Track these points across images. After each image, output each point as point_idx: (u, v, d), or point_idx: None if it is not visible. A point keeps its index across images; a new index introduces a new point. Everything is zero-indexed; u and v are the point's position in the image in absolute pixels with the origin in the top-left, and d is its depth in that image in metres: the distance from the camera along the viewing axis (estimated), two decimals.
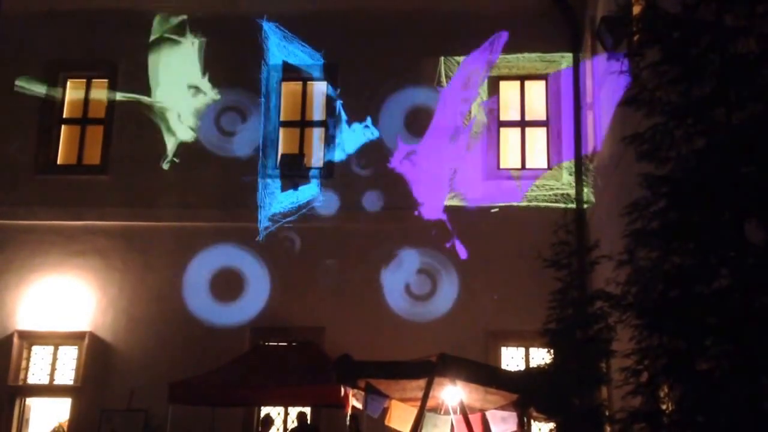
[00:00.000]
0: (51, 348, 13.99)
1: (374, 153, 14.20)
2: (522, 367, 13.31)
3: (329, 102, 14.62)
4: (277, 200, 14.12)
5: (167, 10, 14.93)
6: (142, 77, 14.75)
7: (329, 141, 14.42)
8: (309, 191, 14.08)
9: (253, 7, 14.76)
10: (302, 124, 14.84)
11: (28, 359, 13.95)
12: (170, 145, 14.45)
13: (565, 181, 13.87)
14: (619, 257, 5.24)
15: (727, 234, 4.53)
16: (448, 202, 13.94)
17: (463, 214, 13.82)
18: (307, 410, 12.98)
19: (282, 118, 14.83)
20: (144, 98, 14.65)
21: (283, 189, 14.13)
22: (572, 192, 13.65)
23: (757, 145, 4.43)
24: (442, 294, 13.55)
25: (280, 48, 14.68)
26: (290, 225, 13.95)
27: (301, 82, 14.94)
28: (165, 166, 14.24)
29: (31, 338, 13.97)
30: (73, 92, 15.15)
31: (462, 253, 13.66)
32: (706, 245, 4.59)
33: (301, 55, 14.66)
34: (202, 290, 13.74)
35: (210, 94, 14.58)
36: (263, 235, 13.90)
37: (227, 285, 13.75)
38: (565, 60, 14.19)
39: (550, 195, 13.79)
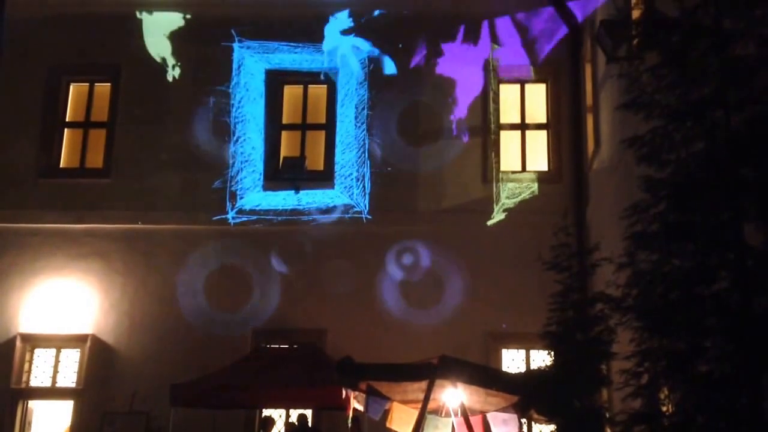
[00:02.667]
0: (53, 351, 14.00)
1: (375, 155, 14.23)
2: (523, 369, 13.33)
3: (330, 105, 14.68)
4: (278, 203, 14.15)
5: (168, 14, 14.98)
6: (144, 80, 14.81)
7: (330, 144, 14.49)
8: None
9: (254, 10, 14.82)
10: (303, 127, 14.88)
11: (30, 362, 13.95)
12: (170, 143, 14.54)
13: (565, 183, 13.89)
14: (620, 260, 5.26)
15: (727, 236, 4.55)
16: (448, 204, 13.97)
17: (464, 216, 13.85)
18: (308, 413, 13.00)
19: (284, 122, 14.86)
20: (145, 101, 14.72)
21: (281, 191, 14.19)
22: (572, 194, 13.66)
23: (755, 147, 4.46)
24: (443, 296, 13.57)
25: (281, 51, 14.71)
26: (292, 228, 14.00)
27: (302, 86, 14.98)
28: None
29: (33, 341, 13.98)
30: (75, 96, 15.19)
31: (462, 255, 13.67)
32: (705, 247, 4.61)
33: (302, 58, 14.70)
34: (204, 293, 13.75)
35: (210, 97, 14.61)
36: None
37: (229, 288, 13.77)
38: (565, 63, 14.21)
39: (550, 197, 13.79)
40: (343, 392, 10.68)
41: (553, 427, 8.93)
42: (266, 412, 13.19)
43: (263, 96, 14.71)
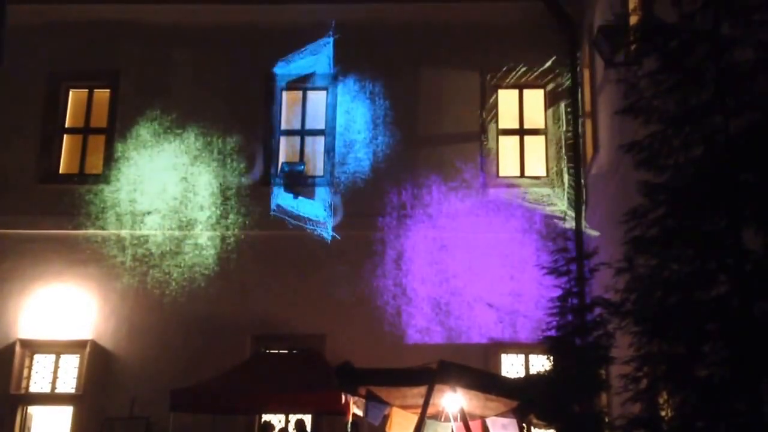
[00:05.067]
0: (53, 356, 13.99)
1: (374, 161, 14.26)
2: (522, 374, 13.34)
3: (329, 111, 14.71)
4: (278, 208, 14.17)
5: (168, 20, 15.01)
6: (144, 86, 14.84)
7: (329, 150, 14.51)
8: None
9: (253, 17, 14.86)
10: (302, 132, 14.90)
11: (30, 368, 13.94)
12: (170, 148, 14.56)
13: (563, 188, 13.92)
14: (618, 264, 5.26)
15: (726, 241, 4.56)
16: (448, 209, 13.98)
17: (462, 221, 13.87)
18: (308, 418, 13.00)
19: (282, 127, 14.89)
20: (144, 107, 14.76)
21: (281, 196, 14.21)
22: (571, 199, 13.69)
23: (754, 152, 4.47)
24: (442, 301, 13.59)
25: (280, 57, 14.74)
26: (292, 233, 14.01)
27: (301, 92, 15.01)
28: None
29: (33, 347, 13.97)
30: (75, 102, 15.21)
31: (460, 260, 13.70)
32: (704, 252, 4.62)
33: (301, 65, 14.73)
34: (204, 298, 13.76)
35: (209, 104, 14.64)
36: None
37: (228, 293, 13.77)
38: (563, 69, 14.25)
39: (549, 202, 13.83)
40: (343, 397, 10.69)
41: (552, 431, 8.94)
42: (266, 418, 13.20)
43: (263, 100, 14.73)
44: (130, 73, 14.96)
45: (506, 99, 14.70)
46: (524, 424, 10.43)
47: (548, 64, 14.33)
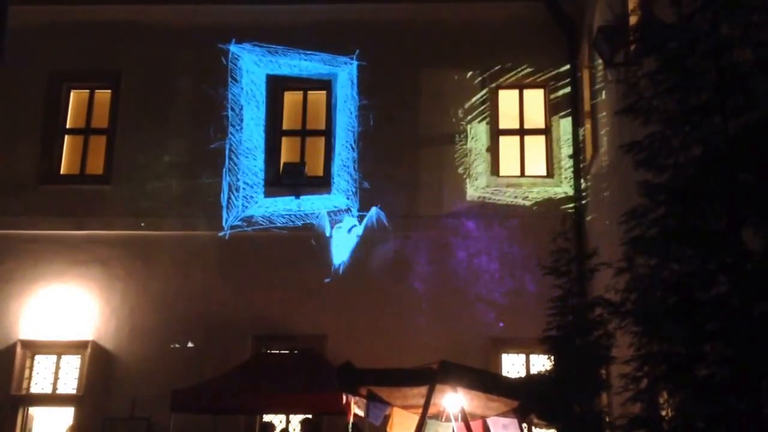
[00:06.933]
0: (54, 357, 14.01)
1: (374, 161, 14.27)
2: (522, 374, 13.35)
3: (329, 111, 14.73)
4: (279, 209, 14.18)
5: (169, 20, 15.03)
6: (145, 87, 14.85)
7: (330, 150, 14.53)
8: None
9: (253, 17, 14.88)
10: (303, 133, 14.92)
11: (30, 368, 13.96)
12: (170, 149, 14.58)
13: (564, 188, 13.93)
14: (618, 264, 5.27)
15: (725, 240, 4.56)
16: (448, 210, 13.99)
17: (464, 222, 13.88)
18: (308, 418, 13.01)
19: (284, 128, 14.91)
20: (146, 107, 14.77)
21: (281, 197, 14.23)
22: (571, 199, 13.70)
23: (753, 152, 4.47)
24: (442, 301, 13.60)
25: (282, 58, 14.76)
26: (292, 233, 14.02)
27: (302, 92, 15.03)
28: None
29: (33, 347, 13.99)
30: (76, 102, 15.22)
31: (461, 260, 13.70)
32: (704, 252, 4.62)
33: (301, 65, 14.74)
34: (205, 299, 13.77)
35: (210, 104, 14.65)
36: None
37: (229, 294, 13.78)
38: (563, 69, 14.26)
39: (549, 202, 13.84)
40: (344, 398, 10.70)
41: (553, 431, 8.93)
42: (266, 418, 13.21)
43: (264, 102, 14.76)
44: (132, 74, 14.98)
45: (506, 99, 14.71)
46: (525, 424, 10.43)
47: (548, 64, 14.35)
